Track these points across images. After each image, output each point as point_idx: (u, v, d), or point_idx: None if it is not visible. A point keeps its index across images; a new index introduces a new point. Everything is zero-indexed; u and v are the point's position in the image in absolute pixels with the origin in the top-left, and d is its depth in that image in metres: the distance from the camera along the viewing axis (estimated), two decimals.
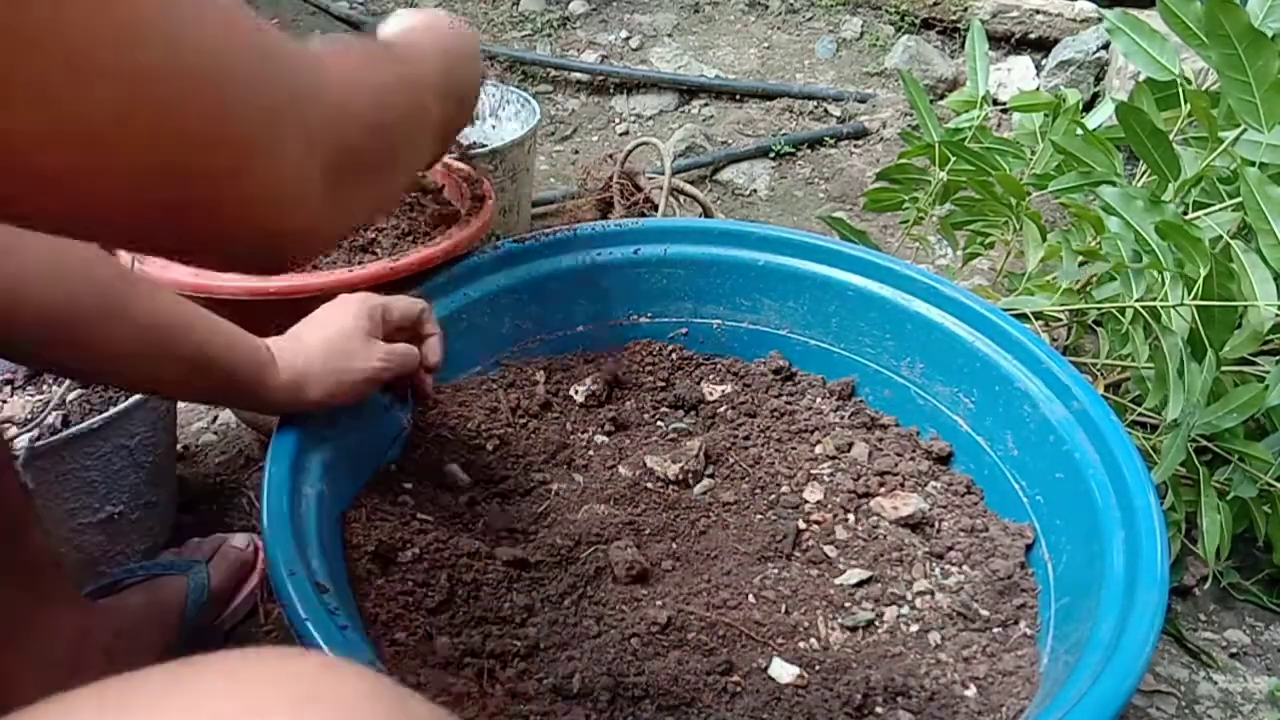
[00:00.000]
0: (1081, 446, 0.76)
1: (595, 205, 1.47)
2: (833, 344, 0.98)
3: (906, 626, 0.74)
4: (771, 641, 0.71)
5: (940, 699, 0.67)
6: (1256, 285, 0.82)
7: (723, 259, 1.00)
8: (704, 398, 0.96)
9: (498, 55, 2.11)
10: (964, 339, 0.88)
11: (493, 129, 1.58)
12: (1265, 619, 0.96)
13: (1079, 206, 1.00)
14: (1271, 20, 0.89)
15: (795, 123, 1.98)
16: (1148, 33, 0.99)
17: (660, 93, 2.05)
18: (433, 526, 0.76)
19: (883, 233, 1.60)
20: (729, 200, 1.76)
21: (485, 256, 0.94)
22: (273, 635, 0.86)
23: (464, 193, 1.00)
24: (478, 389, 0.92)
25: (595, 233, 1.00)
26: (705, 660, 0.68)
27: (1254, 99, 0.85)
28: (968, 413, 0.89)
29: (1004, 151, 1.13)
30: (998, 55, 2.04)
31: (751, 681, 0.68)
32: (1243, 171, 0.84)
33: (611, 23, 2.29)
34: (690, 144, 1.84)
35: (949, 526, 0.83)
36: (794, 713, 0.65)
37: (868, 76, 2.10)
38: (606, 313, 1.01)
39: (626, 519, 0.81)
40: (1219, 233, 0.87)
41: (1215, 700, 0.88)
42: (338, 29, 2.34)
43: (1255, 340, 0.85)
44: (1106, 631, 0.61)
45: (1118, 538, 0.68)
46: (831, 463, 0.89)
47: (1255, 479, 0.88)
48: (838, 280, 0.97)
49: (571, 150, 1.96)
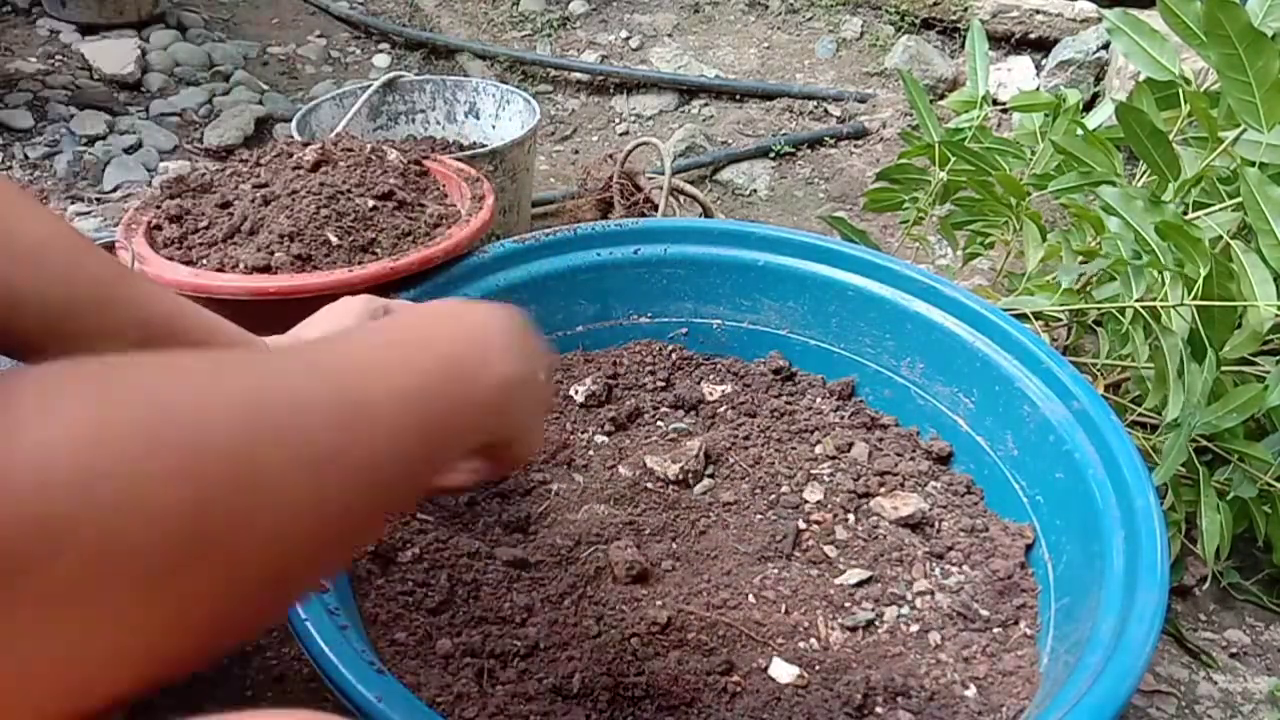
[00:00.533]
0: (1081, 446, 0.76)
1: (595, 205, 1.47)
2: (833, 344, 0.98)
3: (906, 626, 0.74)
4: (771, 641, 0.71)
5: (940, 699, 0.67)
6: (1256, 285, 0.82)
7: (723, 259, 1.00)
8: (704, 398, 0.96)
9: (498, 55, 2.11)
10: (964, 339, 0.88)
11: (493, 129, 1.58)
12: (1265, 619, 0.96)
13: (1079, 206, 1.00)
14: (1271, 20, 0.89)
15: (795, 123, 1.98)
16: (1148, 33, 0.99)
17: (660, 93, 2.05)
18: (432, 526, 0.76)
19: (883, 233, 1.60)
20: (729, 200, 1.76)
21: (485, 256, 0.94)
22: (273, 634, 0.86)
23: (464, 193, 1.00)
24: None
25: (595, 233, 1.00)
26: (705, 660, 0.68)
27: (1254, 99, 0.85)
28: (968, 413, 0.89)
29: (1004, 151, 1.13)
30: (998, 55, 2.04)
31: (751, 681, 0.68)
32: (1243, 171, 0.84)
33: (611, 23, 2.29)
34: (690, 144, 1.84)
35: (949, 526, 0.83)
36: (794, 713, 0.65)
37: (868, 76, 2.10)
38: (606, 313, 1.01)
39: (626, 519, 0.81)
40: (1219, 233, 0.87)
41: (1215, 700, 0.88)
42: (338, 29, 2.34)
43: (1255, 340, 0.85)
44: (1106, 632, 0.61)
45: (1118, 538, 0.68)
46: (831, 463, 0.89)
47: (1255, 479, 0.88)
48: (838, 280, 0.97)
49: (571, 150, 1.96)
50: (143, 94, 1.96)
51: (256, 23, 2.36)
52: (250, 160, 1.00)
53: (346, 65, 2.24)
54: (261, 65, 2.17)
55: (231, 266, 0.86)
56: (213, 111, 1.92)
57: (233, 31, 2.29)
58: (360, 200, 0.93)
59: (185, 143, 1.82)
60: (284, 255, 0.86)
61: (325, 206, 0.91)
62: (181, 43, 2.12)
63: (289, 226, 0.88)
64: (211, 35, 2.22)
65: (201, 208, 0.94)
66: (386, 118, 1.58)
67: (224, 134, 1.81)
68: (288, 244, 0.87)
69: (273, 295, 0.82)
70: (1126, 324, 0.92)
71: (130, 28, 2.12)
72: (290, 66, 2.19)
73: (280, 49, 2.24)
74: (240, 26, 2.33)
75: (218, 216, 0.93)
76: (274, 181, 0.95)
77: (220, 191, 0.96)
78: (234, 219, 0.91)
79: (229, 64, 2.09)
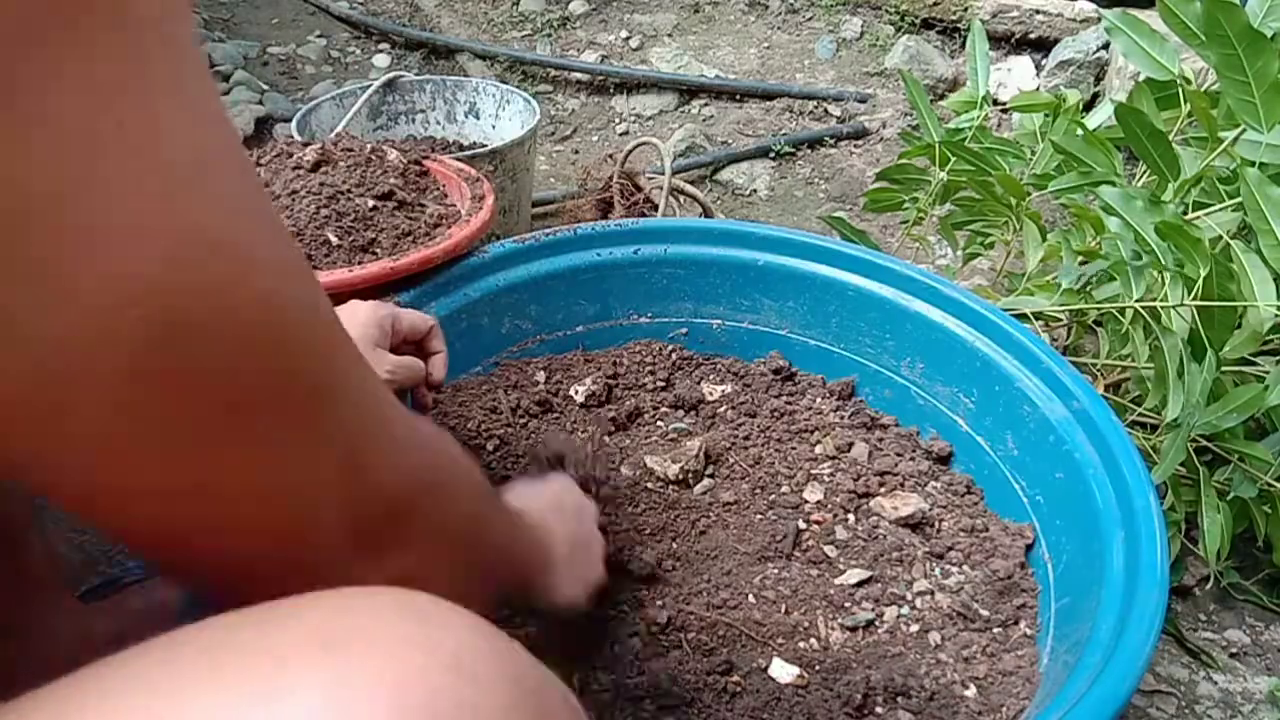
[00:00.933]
0: (1081, 446, 0.76)
1: (595, 205, 1.47)
2: (833, 344, 0.98)
3: (906, 626, 0.74)
4: (771, 641, 0.71)
5: (940, 699, 0.67)
6: (1256, 285, 0.82)
7: (723, 259, 1.00)
8: (704, 398, 0.96)
9: (498, 55, 2.11)
10: (964, 339, 0.88)
11: (493, 129, 1.58)
12: (1265, 619, 0.96)
13: (1079, 206, 1.00)
14: (1271, 20, 0.89)
15: (795, 123, 1.98)
16: (1147, 33, 0.99)
17: (660, 93, 2.05)
18: None
19: (883, 233, 1.60)
20: (729, 200, 1.76)
21: (485, 256, 0.94)
22: None
23: (464, 193, 1.00)
24: (477, 389, 0.92)
25: (595, 233, 1.00)
26: (705, 660, 0.68)
27: (1254, 99, 0.85)
28: (968, 413, 0.89)
29: (1004, 152, 1.13)
30: (998, 55, 2.04)
31: (751, 681, 0.68)
32: (1243, 171, 0.84)
33: (611, 23, 2.29)
34: (690, 144, 1.84)
35: (949, 526, 0.83)
36: (794, 713, 0.65)
37: (868, 76, 2.10)
38: (606, 313, 1.01)
39: (627, 519, 0.81)
40: (1219, 233, 0.86)
41: (1215, 700, 0.88)
42: (338, 29, 2.34)
43: (1255, 340, 0.85)
44: (1106, 631, 0.61)
45: (1118, 538, 0.68)
46: (831, 463, 0.89)
47: (1255, 479, 0.88)
48: (838, 280, 0.97)
49: (571, 150, 1.96)
50: None
51: (256, 23, 2.36)
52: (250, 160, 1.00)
53: (346, 65, 2.24)
54: (261, 65, 2.17)
55: None
56: None
57: (233, 31, 2.29)
58: (360, 200, 0.93)
59: None
60: None
61: (325, 206, 0.91)
62: None
63: (289, 226, 0.88)
64: (211, 35, 2.21)
65: None
66: (386, 118, 1.58)
67: None
68: None
69: None
70: (1126, 324, 0.92)
71: None
72: (290, 66, 2.19)
73: (280, 49, 2.24)
74: (240, 26, 2.33)
75: None
76: (274, 181, 0.95)
77: None
78: None
79: (229, 64, 2.09)
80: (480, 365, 0.94)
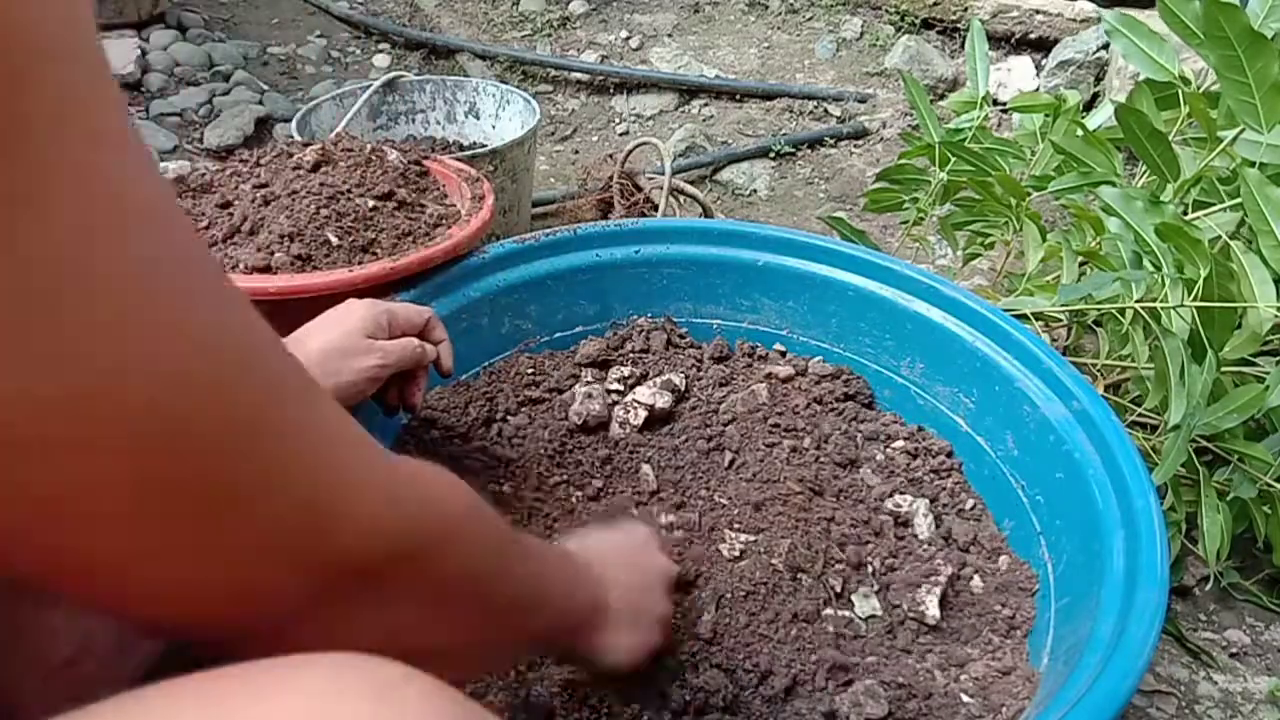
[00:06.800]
0: (1081, 446, 0.76)
1: (595, 205, 1.47)
2: (833, 344, 0.98)
3: (906, 626, 0.74)
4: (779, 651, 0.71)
5: (940, 699, 0.67)
6: (1256, 286, 0.82)
7: (723, 259, 1.00)
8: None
9: (498, 55, 2.11)
10: (964, 339, 0.88)
11: (493, 129, 1.58)
12: (1265, 619, 0.96)
13: (1079, 207, 1.00)
14: (1271, 21, 0.89)
15: (795, 123, 1.98)
16: (1147, 33, 0.99)
17: (660, 93, 2.05)
18: None
19: (883, 233, 1.60)
20: (729, 200, 1.76)
21: (485, 256, 0.94)
22: None
23: (464, 193, 1.00)
24: (477, 389, 0.92)
25: (595, 233, 1.00)
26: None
27: (1253, 100, 0.85)
28: (968, 413, 0.89)
29: (1004, 152, 1.13)
30: (998, 55, 2.04)
31: (750, 683, 0.67)
32: (1242, 172, 0.84)
33: (611, 23, 2.29)
34: (690, 144, 1.84)
35: (949, 526, 0.83)
36: (793, 714, 0.65)
37: (868, 76, 2.10)
38: (606, 313, 1.01)
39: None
40: (1219, 233, 0.87)
41: (1215, 700, 0.88)
42: (338, 29, 2.34)
43: (1255, 341, 0.85)
44: (1106, 631, 0.61)
45: (1118, 538, 0.68)
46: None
47: (1255, 479, 0.88)
48: (838, 280, 0.97)
49: (571, 150, 1.96)
50: (143, 94, 1.96)
51: (256, 23, 2.36)
52: (250, 160, 1.00)
53: (346, 65, 2.24)
54: (261, 65, 2.17)
55: (231, 267, 0.86)
56: (213, 111, 1.92)
57: (233, 31, 2.29)
58: (360, 200, 0.93)
59: (185, 143, 1.82)
60: (284, 255, 0.86)
61: (325, 207, 0.91)
62: (181, 43, 2.12)
63: (289, 227, 0.88)
64: (211, 35, 2.22)
65: (201, 208, 0.94)
66: (386, 118, 1.58)
67: (224, 134, 1.81)
68: (288, 244, 0.87)
69: (273, 295, 0.82)
70: (1126, 324, 0.92)
71: (130, 28, 2.12)
72: (290, 66, 2.19)
73: (280, 49, 2.24)
74: (240, 26, 2.33)
75: (218, 216, 0.93)
76: (274, 181, 0.95)
77: (220, 191, 0.96)
78: (234, 219, 0.91)
79: (229, 64, 2.09)
80: (480, 365, 0.94)
